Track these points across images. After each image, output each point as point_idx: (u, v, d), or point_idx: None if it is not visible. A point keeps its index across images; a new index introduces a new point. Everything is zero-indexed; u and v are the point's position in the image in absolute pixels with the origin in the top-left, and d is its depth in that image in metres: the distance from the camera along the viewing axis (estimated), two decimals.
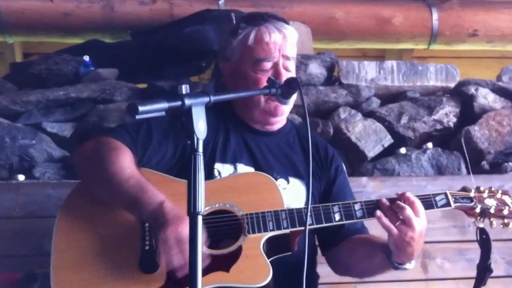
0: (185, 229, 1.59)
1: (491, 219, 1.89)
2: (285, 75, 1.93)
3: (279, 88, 1.66)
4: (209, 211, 1.77)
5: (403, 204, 1.78)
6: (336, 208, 1.83)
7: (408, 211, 1.76)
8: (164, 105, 1.28)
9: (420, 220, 1.78)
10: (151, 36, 3.04)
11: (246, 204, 1.79)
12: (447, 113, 3.09)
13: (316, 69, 3.13)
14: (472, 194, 1.91)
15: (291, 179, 1.99)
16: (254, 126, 2.02)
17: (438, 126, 3.08)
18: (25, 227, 2.49)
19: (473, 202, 1.90)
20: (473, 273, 2.22)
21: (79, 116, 2.92)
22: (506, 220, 1.88)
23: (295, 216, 1.79)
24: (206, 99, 1.37)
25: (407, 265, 1.86)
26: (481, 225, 1.88)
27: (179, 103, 1.30)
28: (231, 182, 1.86)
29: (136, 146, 1.86)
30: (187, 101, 1.31)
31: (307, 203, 1.69)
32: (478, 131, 3.01)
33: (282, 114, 2.01)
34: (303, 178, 2.00)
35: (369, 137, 3.02)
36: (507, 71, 3.40)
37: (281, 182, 1.96)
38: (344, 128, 3.01)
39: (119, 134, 1.87)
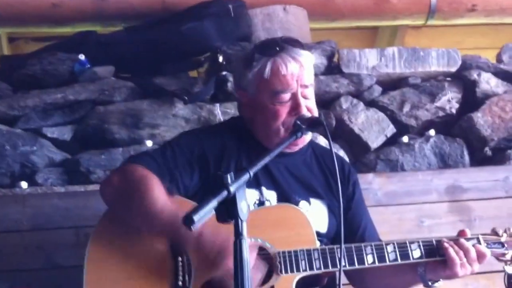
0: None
1: None
2: (304, 104, 1.91)
3: (304, 130, 1.71)
4: None
5: (467, 245, 1.84)
6: (368, 250, 1.83)
7: (473, 254, 1.83)
8: (214, 203, 1.28)
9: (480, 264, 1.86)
10: (146, 34, 2.95)
11: (278, 241, 1.79)
12: (450, 100, 3.07)
13: (316, 59, 3.06)
14: (503, 239, 1.92)
15: (312, 200, 1.99)
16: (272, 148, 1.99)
17: (441, 113, 3.07)
18: (34, 240, 2.48)
19: (504, 247, 1.91)
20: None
21: (78, 118, 2.87)
22: None
23: (327, 256, 1.80)
24: (246, 177, 1.37)
25: (438, 284, 1.90)
26: (510, 271, 1.89)
27: (225, 193, 1.30)
28: (263, 215, 1.84)
29: (163, 173, 1.84)
30: (232, 189, 1.31)
31: (339, 244, 1.69)
32: (481, 118, 3.00)
33: (303, 143, 2.00)
34: (323, 198, 2.01)
35: (372, 127, 3.00)
36: (507, 49, 3.37)
37: (303, 204, 1.96)
38: (346, 119, 2.99)
39: (145, 162, 1.85)
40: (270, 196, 1.94)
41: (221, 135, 1.99)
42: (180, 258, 1.78)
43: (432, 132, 3.04)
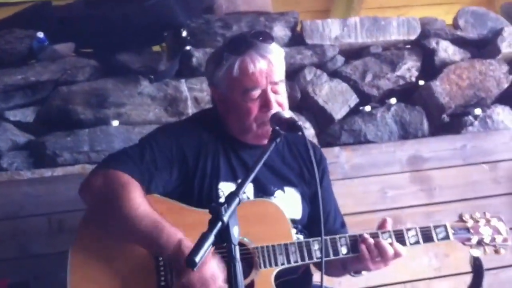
0: (207, 270, 1.70)
1: (485, 248, 2.01)
2: (274, 99, 1.93)
3: (283, 135, 1.72)
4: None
5: (386, 246, 1.89)
6: (343, 241, 1.92)
7: (391, 252, 1.89)
8: (212, 238, 1.33)
9: (394, 260, 1.92)
10: (107, 9, 2.85)
11: (257, 236, 1.86)
12: (410, 68, 3.15)
13: (280, 32, 3.08)
14: (469, 225, 2.02)
15: (286, 188, 2.05)
16: (246, 141, 2.03)
17: (401, 82, 3.15)
18: (7, 229, 2.47)
19: (470, 233, 2.01)
20: None
21: (41, 99, 2.80)
22: (498, 247, 2.01)
23: (304, 249, 1.88)
24: (237, 201, 1.43)
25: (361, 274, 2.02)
26: (476, 255, 2.01)
27: (220, 224, 1.35)
28: (241, 211, 1.87)
29: (143, 175, 1.86)
30: (225, 218, 1.36)
31: (317, 233, 1.80)
32: (439, 86, 3.11)
33: None
34: (296, 186, 2.07)
35: (336, 98, 3.06)
36: (463, 14, 3.44)
37: (278, 193, 2.02)
38: (311, 92, 3.04)
39: (125, 166, 1.85)
40: (247, 188, 1.98)
41: (197, 130, 2.01)
42: (160, 258, 1.82)
43: (393, 100, 3.13)
